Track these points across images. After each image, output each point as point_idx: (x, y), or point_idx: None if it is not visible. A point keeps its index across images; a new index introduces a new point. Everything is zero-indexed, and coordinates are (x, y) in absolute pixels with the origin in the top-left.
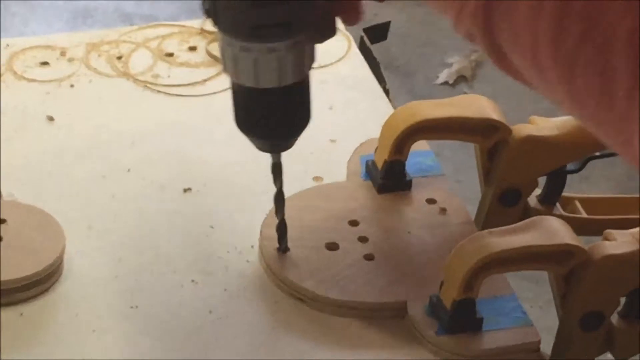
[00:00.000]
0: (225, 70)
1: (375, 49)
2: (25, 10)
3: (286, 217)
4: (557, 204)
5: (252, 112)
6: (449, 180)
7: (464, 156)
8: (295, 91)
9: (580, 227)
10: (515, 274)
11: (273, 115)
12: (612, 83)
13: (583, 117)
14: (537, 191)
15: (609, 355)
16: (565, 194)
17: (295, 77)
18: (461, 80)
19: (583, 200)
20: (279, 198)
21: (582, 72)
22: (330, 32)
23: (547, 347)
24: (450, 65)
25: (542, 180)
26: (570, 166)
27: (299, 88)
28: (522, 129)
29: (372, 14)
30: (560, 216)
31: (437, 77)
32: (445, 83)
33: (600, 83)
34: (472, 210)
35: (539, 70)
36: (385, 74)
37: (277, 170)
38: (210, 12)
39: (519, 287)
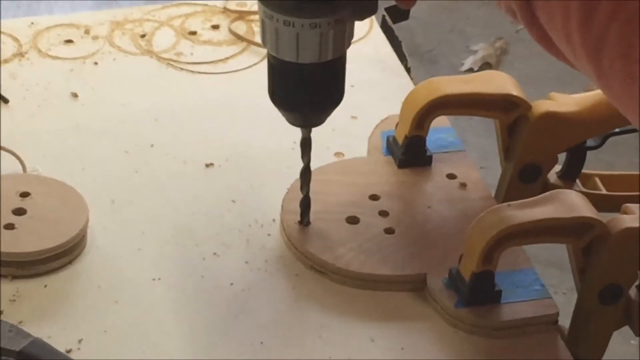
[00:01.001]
0: (263, 43)
1: (398, 32)
2: None
3: None
4: (577, 181)
5: (288, 86)
6: (470, 156)
7: (489, 142)
8: (333, 67)
9: (599, 203)
10: (539, 260)
11: (310, 90)
12: (634, 66)
13: (609, 95)
14: (557, 167)
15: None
16: (585, 170)
17: (334, 54)
18: (486, 67)
19: (603, 177)
20: (306, 173)
21: (607, 54)
22: (371, 10)
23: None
24: (475, 52)
25: (562, 157)
26: (590, 142)
27: (336, 64)
28: (541, 105)
29: None
30: (580, 192)
31: (462, 64)
32: (470, 70)
33: (622, 65)
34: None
35: (572, 49)
36: (409, 61)
37: (306, 145)
38: None
39: (544, 274)
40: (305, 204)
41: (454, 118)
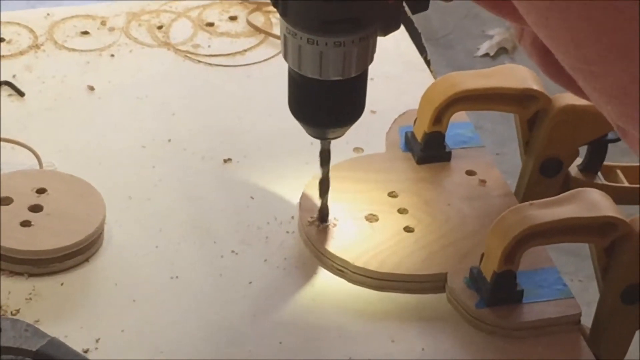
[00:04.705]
0: (285, 58)
1: (416, 20)
2: None
3: None
4: (599, 173)
5: (310, 101)
6: (490, 153)
7: (504, 129)
8: (356, 83)
9: (622, 196)
10: (556, 248)
11: (331, 106)
12: None
13: None
14: (579, 160)
15: None
16: (606, 162)
17: (358, 70)
18: (502, 52)
19: (624, 169)
20: (324, 183)
21: None
22: (395, 26)
23: (587, 321)
24: (491, 37)
25: (583, 150)
26: (611, 135)
27: (359, 80)
28: (562, 99)
29: None
30: (602, 185)
31: (478, 49)
32: (486, 55)
33: None
34: (512, 183)
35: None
36: (425, 46)
37: (325, 156)
38: (278, 3)
39: (560, 261)
40: (324, 211)
41: None
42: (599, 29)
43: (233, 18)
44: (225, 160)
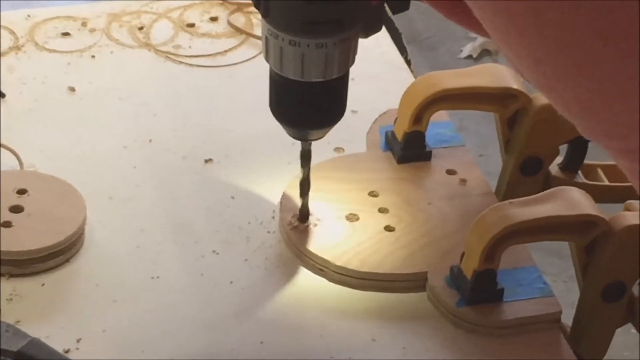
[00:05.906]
0: (266, 59)
1: (398, 21)
2: None
3: None
4: (579, 172)
5: (291, 102)
6: (473, 153)
7: (488, 130)
8: (337, 84)
9: (602, 194)
10: (540, 249)
11: (313, 107)
12: None
13: None
14: (559, 159)
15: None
16: (587, 161)
17: (339, 72)
18: (485, 54)
19: (605, 168)
20: (304, 184)
21: None
22: (377, 28)
23: (570, 322)
24: (475, 39)
25: (563, 149)
26: None
27: (340, 81)
28: (541, 97)
29: None
30: (582, 184)
31: (461, 50)
32: (470, 57)
33: None
34: (495, 184)
35: None
36: (409, 48)
37: (305, 157)
38: (260, 3)
39: (544, 262)
40: (305, 211)
41: None
42: (554, 45)
43: (214, 19)
44: (206, 161)
